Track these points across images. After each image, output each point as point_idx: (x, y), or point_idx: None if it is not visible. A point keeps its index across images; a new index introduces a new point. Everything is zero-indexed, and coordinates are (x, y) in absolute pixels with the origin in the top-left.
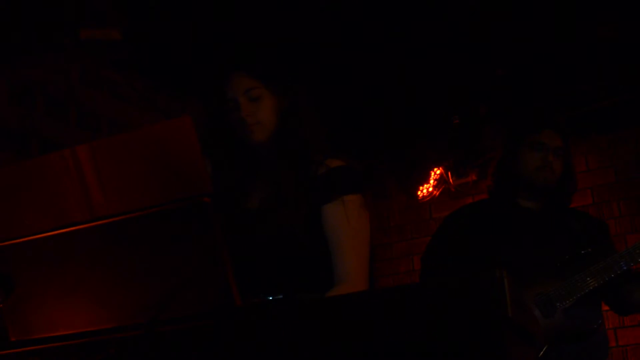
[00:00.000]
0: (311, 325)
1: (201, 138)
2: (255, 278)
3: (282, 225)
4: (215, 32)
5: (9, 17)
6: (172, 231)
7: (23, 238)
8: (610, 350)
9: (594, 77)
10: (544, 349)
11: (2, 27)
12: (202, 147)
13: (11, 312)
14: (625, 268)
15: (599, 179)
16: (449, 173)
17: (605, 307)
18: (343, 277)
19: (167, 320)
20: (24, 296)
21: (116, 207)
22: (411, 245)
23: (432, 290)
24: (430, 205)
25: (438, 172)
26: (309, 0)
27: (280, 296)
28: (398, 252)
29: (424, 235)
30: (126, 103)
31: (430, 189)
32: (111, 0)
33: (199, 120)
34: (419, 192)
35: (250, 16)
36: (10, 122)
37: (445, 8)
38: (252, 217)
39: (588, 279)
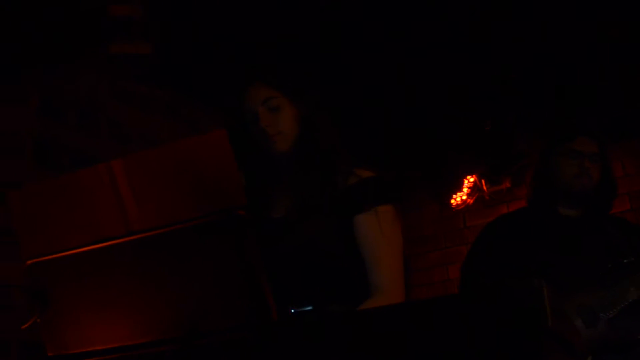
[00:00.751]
0: (347, 338)
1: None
2: (283, 288)
3: (309, 234)
4: (217, 34)
5: (40, 31)
6: (208, 245)
7: (59, 253)
8: None
9: (628, 80)
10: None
11: (32, 41)
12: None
13: (48, 327)
14: None
15: (636, 184)
16: (483, 181)
17: None
18: (379, 288)
19: (204, 334)
20: (61, 311)
21: (151, 222)
22: (445, 254)
23: (469, 301)
24: (464, 214)
25: (472, 180)
26: (309, 0)
27: (309, 307)
28: (432, 262)
29: (458, 244)
30: (155, 115)
31: (464, 197)
32: (140, 14)
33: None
34: (452, 201)
35: (250, 17)
36: (41, 136)
37: (455, 8)
38: (278, 226)
39: (631, 288)
